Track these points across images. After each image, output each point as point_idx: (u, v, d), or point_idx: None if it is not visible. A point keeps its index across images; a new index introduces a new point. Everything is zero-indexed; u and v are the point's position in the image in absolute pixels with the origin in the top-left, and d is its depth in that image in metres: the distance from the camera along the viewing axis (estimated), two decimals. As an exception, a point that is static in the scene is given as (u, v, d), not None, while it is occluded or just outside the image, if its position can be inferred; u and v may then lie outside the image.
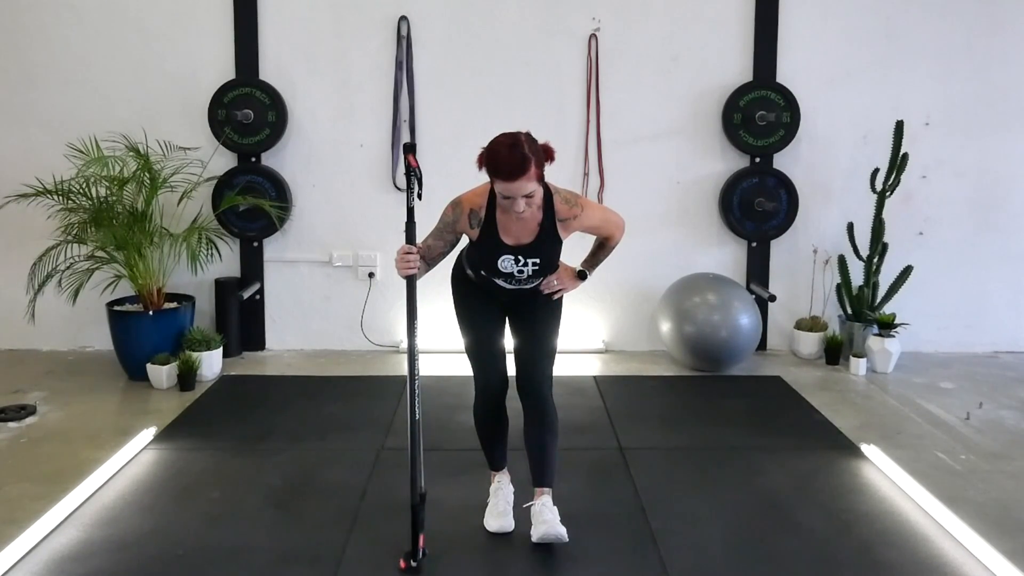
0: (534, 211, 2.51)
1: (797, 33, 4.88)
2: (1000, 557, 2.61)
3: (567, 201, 2.58)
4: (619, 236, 2.79)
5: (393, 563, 2.57)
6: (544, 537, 2.64)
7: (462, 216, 2.57)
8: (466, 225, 2.57)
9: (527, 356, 2.72)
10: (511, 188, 2.37)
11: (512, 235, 2.55)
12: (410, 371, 2.65)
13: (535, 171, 2.37)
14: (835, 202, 5.01)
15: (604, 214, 2.77)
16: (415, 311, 2.64)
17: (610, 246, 2.83)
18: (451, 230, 2.61)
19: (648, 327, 5.07)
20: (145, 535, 2.79)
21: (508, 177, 2.35)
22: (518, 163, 2.34)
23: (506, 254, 2.54)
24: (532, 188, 2.38)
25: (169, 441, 3.60)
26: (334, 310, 5.05)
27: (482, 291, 2.74)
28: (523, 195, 2.38)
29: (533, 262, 2.56)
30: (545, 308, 2.75)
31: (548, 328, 2.75)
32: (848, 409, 4.08)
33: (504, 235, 2.55)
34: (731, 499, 3.08)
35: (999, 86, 4.93)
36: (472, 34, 4.86)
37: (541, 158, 2.41)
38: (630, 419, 3.90)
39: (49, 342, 4.99)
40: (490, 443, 2.91)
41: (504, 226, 2.54)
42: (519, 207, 2.40)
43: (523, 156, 2.34)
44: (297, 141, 4.91)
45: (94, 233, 4.40)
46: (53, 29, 4.77)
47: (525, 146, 2.36)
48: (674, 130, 4.97)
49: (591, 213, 2.67)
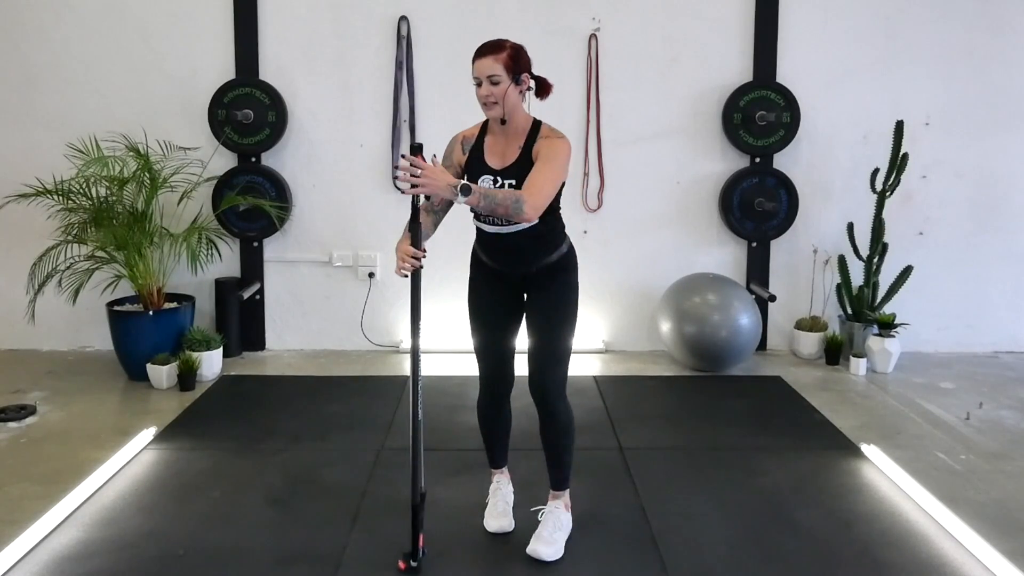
0: (516, 133, 2.54)
1: (797, 33, 4.88)
2: (1000, 557, 2.61)
3: (550, 132, 2.56)
4: (526, 205, 2.35)
5: (393, 563, 2.57)
6: (530, 552, 2.65)
7: (456, 145, 2.67)
8: (459, 153, 2.64)
9: (536, 360, 2.65)
10: (477, 66, 2.46)
11: (496, 157, 2.58)
12: (413, 370, 2.62)
13: (506, 60, 2.45)
14: (835, 202, 5.01)
15: (548, 168, 2.45)
16: (419, 310, 2.60)
17: (510, 200, 2.36)
18: (450, 163, 2.65)
19: (648, 327, 5.07)
20: (145, 535, 2.79)
21: (478, 54, 2.47)
22: (491, 43, 2.48)
23: (486, 174, 2.57)
24: (497, 72, 2.44)
25: (169, 441, 3.60)
26: (334, 310, 5.05)
27: (493, 279, 2.71)
28: (487, 76, 2.44)
29: (509, 183, 2.53)
30: (558, 308, 2.64)
31: (560, 330, 2.63)
32: (848, 409, 4.08)
33: (489, 157, 2.59)
34: (731, 499, 3.08)
35: (999, 86, 4.93)
36: (472, 34, 4.82)
37: (521, 59, 2.48)
38: (630, 419, 3.90)
39: (49, 342, 4.99)
40: (488, 440, 2.89)
41: (491, 148, 2.60)
42: (483, 91, 2.47)
43: (499, 42, 2.48)
44: (297, 141, 4.91)
45: (94, 233, 4.40)
46: (53, 29, 4.77)
47: (508, 41, 2.49)
48: (674, 130, 4.97)
49: (549, 152, 2.47)
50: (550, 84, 2.57)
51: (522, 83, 2.50)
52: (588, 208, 4.99)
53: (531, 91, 2.56)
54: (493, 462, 2.94)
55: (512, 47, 2.48)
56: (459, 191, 2.32)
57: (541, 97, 2.58)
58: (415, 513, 2.57)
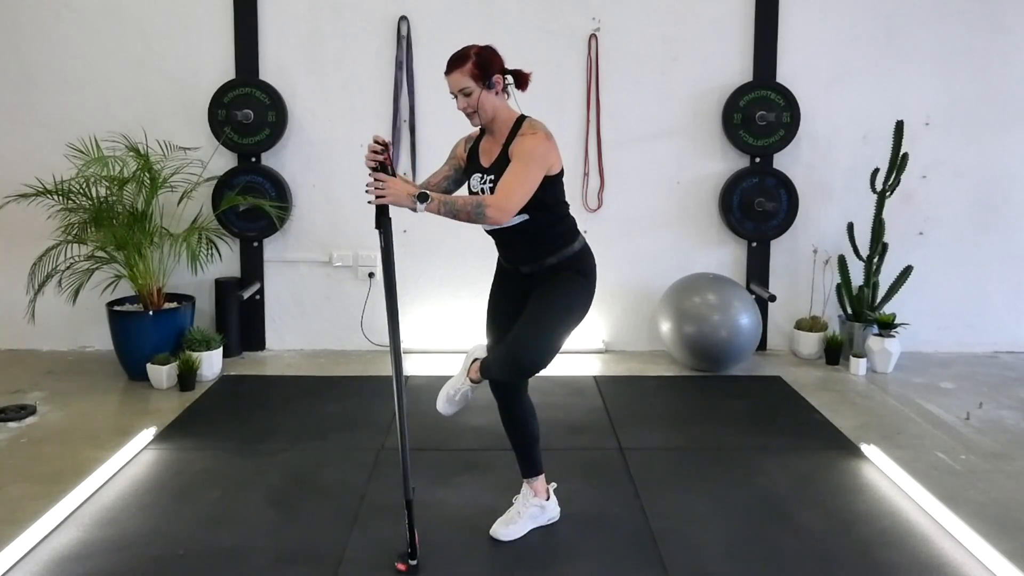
0: (502, 132, 2.56)
1: (797, 33, 4.88)
2: (1000, 557, 2.61)
3: (527, 129, 2.53)
4: (488, 210, 2.37)
5: (393, 563, 2.57)
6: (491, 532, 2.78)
7: (461, 143, 2.77)
8: (462, 150, 2.74)
9: (501, 345, 2.61)
10: (448, 82, 2.51)
11: (486, 155, 2.64)
12: (396, 368, 2.58)
13: (471, 69, 2.47)
14: (835, 202, 5.01)
15: (517, 168, 2.43)
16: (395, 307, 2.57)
17: (471, 205, 2.38)
18: (453, 155, 2.76)
19: (648, 327, 5.07)
20: (145, 535, 2.79)
21: (447, 70, 2.52)
22: (456, 56, 2.51)
23: (476, 172, 2.64)
24: (466, 85, 2.48)
25: (169, 441, 3.60)
26: (334, 310, 5.05)
27: (504, 278, 2.75)
28: (459, 90, 2.50)
29: (490, 179, 2.56)
30: (543, 306, 2.54)
31: (537, 325, 2.51)
32: (848, 409, 4.08)
33: (482, 156, 2.65)
34: (731, 499, 3.08)
35: (999, 86, 4.94)
36: (472, 34, 4.80)
37: (488, 63, 2.50)
38: (630, 419, 3.90)
39: (49, 342, 4.99)
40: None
41: (483, 148, 2.66)
42: (460, 104, 2.53)
43: (463, 52, 2.50)
44: (297, 141, 4.91)
45: (94, 233, 4.40)
46: (53, 29, 4.77)
47: (473, 48, 2.50)
48: (674, 130, 4.97)
49: (520, 151, 2.46)
50: (526, 74, 2.56)
51: (495, 85, 2.51)
52: (588, 208, 4.99)
53: (510, 86, 2.56)
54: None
55: (476, 54, 2.49)
56: (417, 199, 2.37)
57: (522, 88, 2.58)
58: (409, 510, 2.56)
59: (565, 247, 2.61)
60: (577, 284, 2.60)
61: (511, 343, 2.51)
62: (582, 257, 2.64)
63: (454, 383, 2.75)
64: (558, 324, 2.54)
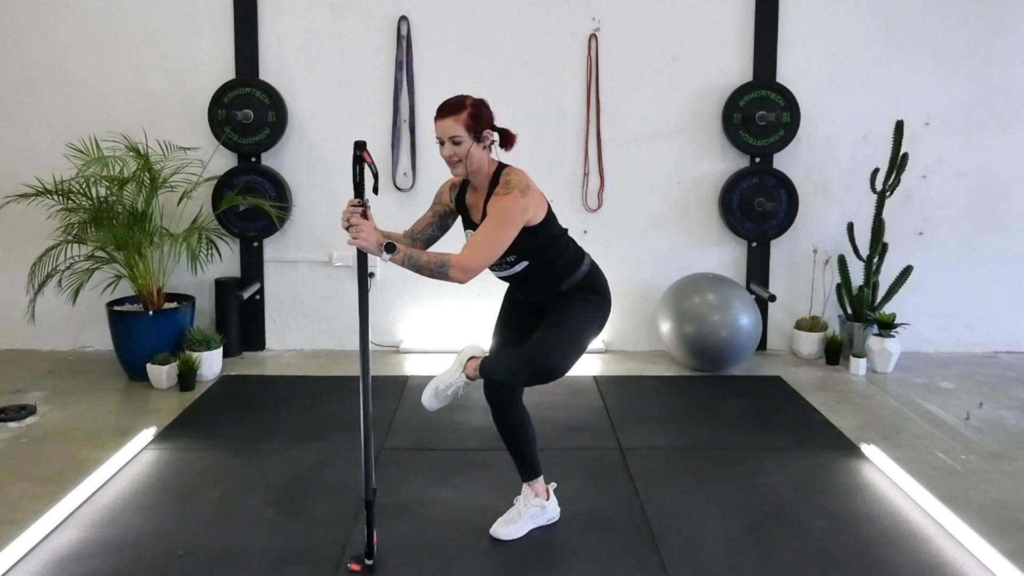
0: (483, 186, 2.54)
1: (797, 33, 4.88)
2: (1000, 557, 2.61)
3: (506, 184, 2.48)
4: (452, 270, 2.38)
5: (393, 563, 2.57)
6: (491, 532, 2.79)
7: (446, 189, 2.72)
8: (448, 198, 2.71)
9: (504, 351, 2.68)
10: (439, 127, 2.47)
11: (475, 210, 2.62)
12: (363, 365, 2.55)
13: (466, 119, 2.44)
14: (835, 202, 5.01)
15: (487, 229, 2.43)
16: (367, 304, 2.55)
17: (435, 263, 2.39)
18: (438, 200, 2.73)
19: (648, 327, 5.07)
20: (145, 535, 2.79)
21: (438, 114, 2.47)
22: (451, 103, 2.47)
23: (469, 228, 2.65)
24: (457, 133, 2.44)
25: (169, 441, 3.60)
26: (334, 310, 5.05)
27: (510, 299, 2.80)
28: (448, 137, 2.45)
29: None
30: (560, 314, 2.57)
31: (555, 326, 2.54)
32: (848, 409, 4.08)
33: (472, 212, 2.65)
34: (731, 499, 3.08)
35: (999, 86, 4.94)
36: (472, 34, 4.86)
37: (482, 116, 2.47)
38: (630, 419, 3.90)
39: (49, 342, 4.99)
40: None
41: (469, 201, 2.65)
42: (445, 151, 2.48)
43: (459, 101, 2.47)
44: (297, 141, 4.91)
45: (94, 233, 4.40)
46: (53, 29, 4.77)
47: (469, 99, 2.48)
48: (674, 130, 4.97)
49: (493, 211, 2.44)
50: (513, 135, 2.54)
51: (484, 139, 2.49)
52: (588, 208, 4.99)
53: (495, 144, 2.54)
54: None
55: (472, 105, 2.46)
56: (384, 249, 2.36)
57: (506, 148, 2.55)
58: (369, 511, 2.55)
59: (574, 272, 2.61)
60: (594, 301, 2.64)
61: (532, 346, 2.50)
62: (592, 276, 2.65)
63: (445, 378, 2.71)
64: (578, 335, 2.56)
